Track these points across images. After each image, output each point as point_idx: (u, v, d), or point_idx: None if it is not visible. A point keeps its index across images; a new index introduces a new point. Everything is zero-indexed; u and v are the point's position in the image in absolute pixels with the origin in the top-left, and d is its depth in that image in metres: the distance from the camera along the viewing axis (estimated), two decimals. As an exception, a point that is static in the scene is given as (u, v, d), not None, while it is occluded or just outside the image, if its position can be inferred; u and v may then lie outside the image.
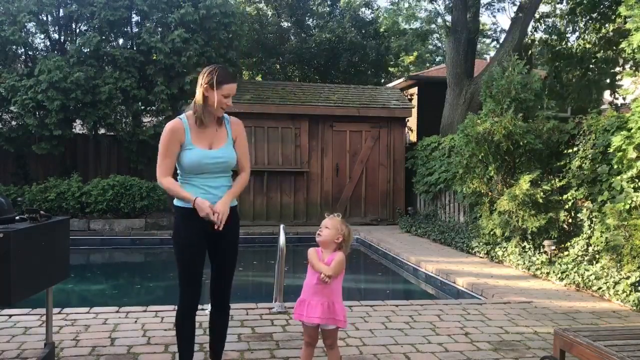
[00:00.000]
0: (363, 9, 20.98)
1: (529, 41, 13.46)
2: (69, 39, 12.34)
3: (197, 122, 3.09)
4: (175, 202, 3.13)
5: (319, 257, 3.14)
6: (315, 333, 3.20)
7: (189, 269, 3.11)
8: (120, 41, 12.44)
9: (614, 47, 12.28)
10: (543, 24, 14.13)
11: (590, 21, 12.79)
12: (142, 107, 12.46)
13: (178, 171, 3.17)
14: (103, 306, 5.03)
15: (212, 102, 3.06)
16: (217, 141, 3.14)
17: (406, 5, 15.99)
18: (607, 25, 12.62)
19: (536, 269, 6.57)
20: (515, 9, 12.91)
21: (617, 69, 13.35)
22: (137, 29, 12.37)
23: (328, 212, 3.34)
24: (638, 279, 5.20)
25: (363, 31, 19.08)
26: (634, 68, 11.99)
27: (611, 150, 5.74)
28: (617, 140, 5.53)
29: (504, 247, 7.38)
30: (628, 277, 5.33)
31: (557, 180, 6.98)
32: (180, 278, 3.13)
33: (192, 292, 3.13)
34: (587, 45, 12.94)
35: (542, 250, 6.89)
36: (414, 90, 16.07)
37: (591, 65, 13.15)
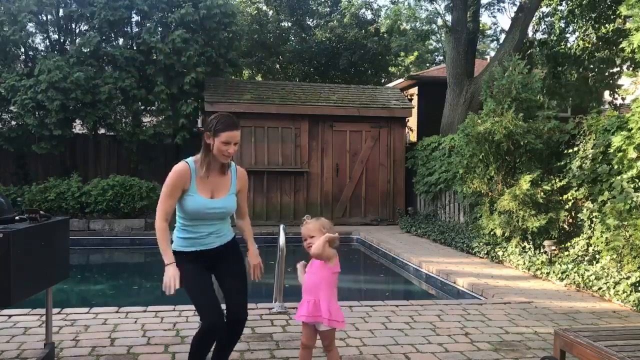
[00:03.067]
0: (363, 10, 20.98)
1: (529, 42, 13.46)
2: (69, 39, 12.35)
3: (203, 169, 3.08)
4: (174, 247, 3.11)
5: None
6: (309, 333, 3.15)
7: (202, 297, 3.01)
8: (120, 41, 12.44)
9: (614, 47, 12.28)
10: (543, 24, 14.14)
11: (589, 21, 12.78)
12: (142, 107, 12.46)
13: (177, 213, 3.15)
14: (103, 306, 5.02)
15: (214, 150, 3.05)
16: (219, 190, 3.13)
17: (406, 5, 15.97)
18: (606, 25, 12.62)
19: (536, 269, 6.57)
20: (515, 9, 12.93)
21: (616, 69, 13.36)
22: (137, 29, 12.37)
23: (308, 216, 3.30)
24: (638, 279, 5.20)
25: (363, 31, 19.08)
26: (632, 67, 12.00)
27: (611, 150, 5.74)
28: (617, 140, 5.53)
29: (504, 247, 7.37)
30: (628, 277, 5.33)
31: (557, 180, 6.97)
32: (196, 307, 3.03)
33: (213, 318, 2.95)
34: (587, 45, 12.94)
35: (542, 251, 6.89)
36: (414, 90, 16.07)
37: (591, 66, 13.16)
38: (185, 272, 3.00)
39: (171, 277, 2.88)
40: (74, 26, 12.40)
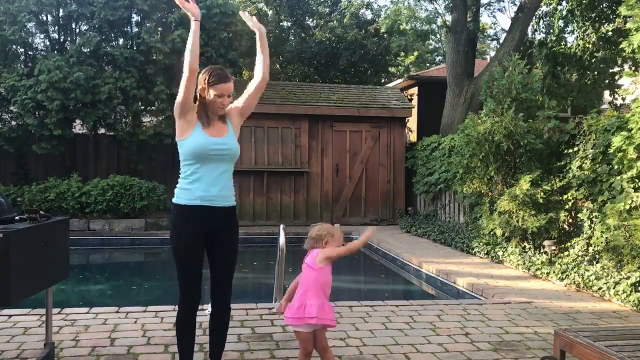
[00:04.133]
0: (363, 10, 21.00)
1: (529, 41, 13.46)
2: (69, 38, 12.34)
3: (203, 117, 3.12)
4: (175, 200, 3.13)
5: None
6: (303, 337, 3.12)
7: (189, 270, 3.10)
8: (120, 41, 12.44)
9: (613, 47, 12.28)
10: (543, 24, 14.13)
11: (589, 21, 12.78)
12: (142, 107, 12.45)
13: (182, 163, 3.15)
14: (103, 306, 5.02)
15: (209, 102, 3.10)
16: (221, 133, 3.17)
17: (406, 5, 16.02)
18: (606, 25, 12.62)
19: (536, 269, 6.57)
20: (515, 9, 12.93)
21: (616, 69, 13.36)
22: (137, 29, 12.37)
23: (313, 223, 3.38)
24: (638, 279, 5.20)
25: (363, 31, 19.09)
26: (633, 68, 12.00)
27: (611, 151, 5.74)
28: (617, 140, 5.53)
29: (504, 247, 7.37)
30: (628, 277, 5.33)
31: (557, 180, 6.97)
32: (180, 279, 3.12)
33: (192, 294, 3.12)
34: (587, 45, 12.94)
35: (542, 251, 6.89)
36: (414, 90, 16.06)
37: (592, 66, 13.15)
38: (179, 240, 3.07)
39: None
40: (73, 26, 12.39)
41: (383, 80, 20.49)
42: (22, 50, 12.16)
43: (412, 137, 15.05)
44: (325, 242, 3.17)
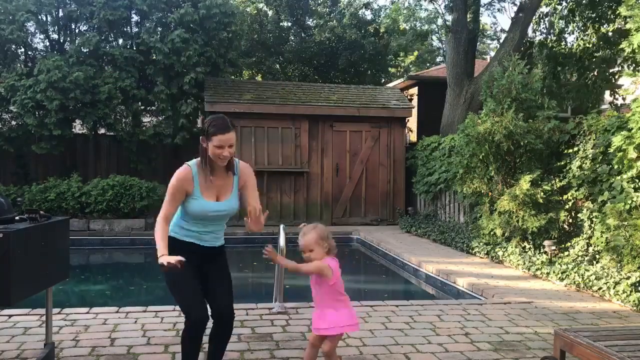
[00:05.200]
0: (363, 10, 20.99)
1: (529, 42, 13.46)
2: (69, 38, 12.34)
3: (205, 174, 3.08)
4: (170, 233, 3.08)
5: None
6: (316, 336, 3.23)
7: (186, 287, 3.01)
8: (120, 41, 12.44)
9: (614, 47, 12.28)
10: (543, 24, 14.14)
11: (589, 21, 12.78)
12: (142, 107, 12.46)
13: (180, 210, 3.14)
14: (103, 306, 5.03)
15: (210, 153, 3.04)
16: (224, 192, 3.14)
17: (406, 5, 16.05)
18: (606, 25, 12.63)
19: (536, 269, 6.57)
20: (515, 9, 12.93)
21: (617, 68, 13.36)
22: (136, 29, 12.38)
23: (304, 223, 3.31)
24: (638, 279, 5.20)
25: (363, 31, 19.09)
26: (632, 67, 12.00)
27: (611, 151, 5.74)
28: (617, 140, 5.52)
29: (504, 247, 7.37)
30: (628, 277, 5.33)
31: (557, 180, 6.97)
32: (180, 301, 3.03)
33: (197, 311, 2.97)
34: (587, 45, 12.94)
35: (542, 251, 6.89)
36: (414, 90, 16.07)
37: (592, 66, 13.15)
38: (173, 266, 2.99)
39: (170, 258, 2.80)
40: (73, 26, 12.39)
41: (383, 80, 20.49)
42: (21, 50, 12.17)
43: (412, 137, 15.05)
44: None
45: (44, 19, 12.09)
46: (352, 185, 11.94)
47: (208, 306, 3.09)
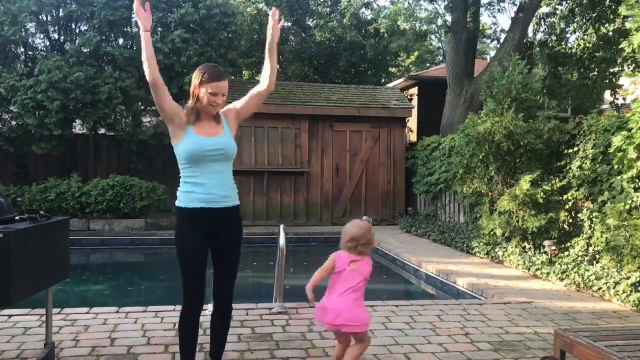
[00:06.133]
0: (363, 9, 20.99)
1: (529, 42, 13.47)
2: (69, 38, 12.34)
3: (192, 116, 3.08)
4: (177, 202, 3.08)
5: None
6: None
7: (192, 273, 3.05)
8: (120, 41, 12.44)
9: (614, 47, 12.28)
10: (543, 24, 14.14)
11: (589, 21, 12.79)
12: (142, 107, 12.45)
13: (179, 166, 3.12)
14: (103, 306, 5.02)
15: (203, 101, 3.05)
16: (215, 132, 3.12)
17: (406, 5, 16.00)
18: (606, 25, 12.63)
19: (536, 269, 6.57)
20: (515, 9, 12.93)
21: (617, 69, 13.36)
22: (136, 29, 12.36)
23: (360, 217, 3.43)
24: (638, 279, 5.20)
25: (363, 31, 19.09)
26: (632, 67, 12.00)
27: (611, 150, 5.74)
28: (617, 140, 5.52)
29: (504, 247, 7.37)
30: (628, 277, 5.33)
31: (557, 180, 6.97)
32: (184, 280, 3.08)
33: (196, 296, 3.07)
34: (587, 45, 12.94)
35: (542, 251, 6.89)
36: (414, 90, 16.07)
37: (592, 66, 13.16)
38: (183, 243, 3.02)
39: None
40: (73, 26, 12.40)
41: (383, 81, 20.49)
42: (22, 50, 12.15)
43: (412, 137, 15.05)
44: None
45: (45, 19, 12.09)
46: (352, 185, 11.94)
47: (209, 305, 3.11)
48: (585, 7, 12.59)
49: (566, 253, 6.57)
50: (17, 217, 3.20)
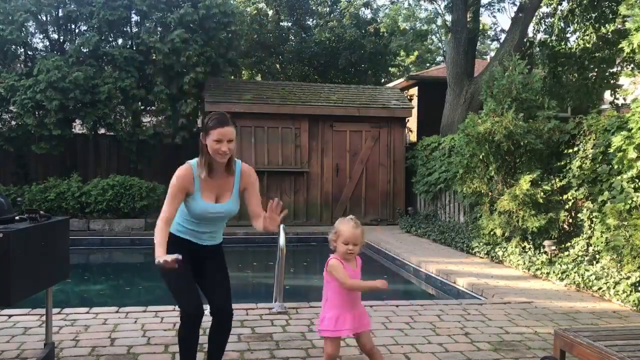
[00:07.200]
0: (363, 9, 21.00)
1: (529, 41, 13.47)
2: (68, 38, 12.34)
3: (203, 172, 3.03)
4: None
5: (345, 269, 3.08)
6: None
7: (182, 280, 3.00)
8: (120, 41, 12.44)
9: (613, 47, 12.28)
10: (543, 24, 14.14)
11: (589, 21, 12.78)
12: (142, 107, 12.45)
13: (182, 206, 3.11)
14: (103, 306, 5.02)
15: (209, 149, 2.99)
16: (224, 192, 3.10)
17: (406, 5, 16.07)
18: (606, 25, 12.63)
19: (536, 269, 6.57)
20: (515, 9, 12.93)
21: (617, 69, 13.36)
22: (136, 29, 12.37)
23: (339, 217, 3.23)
24: (638, 279, 5.20)
25: (363, 30, 19.08)
26: (630, 67, 12.01)
27: (611, 151, 5.74)
28: (617, 140, 5.53)
29: (504, 247, 7.37)
30: (628, 277, 5.33)
31: (557, 180, 6.97)
32: (176, 295, 3.04)
33: (192, 305, 2.98)
34: (587, 45, 12.94)
35: (542, 251, 6.89)
36: (414, 90, 16.07)
37: (591, 65, 13.16)
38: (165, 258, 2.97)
39: (165, 258, 2.73)
40: (73, 26, 12.39)
41: (383, 80, 20.48)
42: (21, 50, 12.15)
43: (412, 137, 15.06)
44: (333, 240, 3.09)
45: (44, 19, 12.09)
46: (352, 185, 11.94)
47: (208, 306, 3.09)
48: (585, 7, 12.59)
49: (566, 253, 6.57)
50: (17, 217, 3.20)
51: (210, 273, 3.19)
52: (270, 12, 20.22)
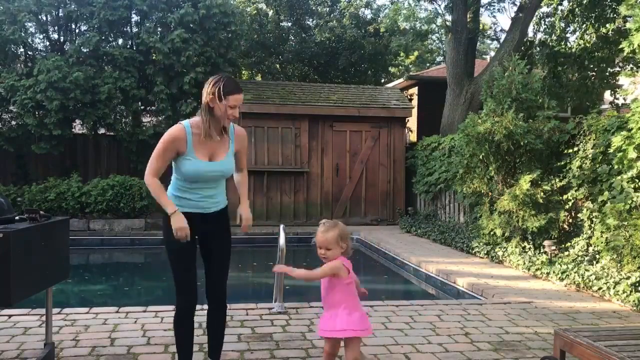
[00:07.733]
0: (363, 9, 20.99)
1: (529, 41, 13.46)
2: (69, 38, 12.34)
3: (203, 134, 3.04)
4: None
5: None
6: (332, 343, 3.06)
7: (183, 270, 3.12)
8: (120, 41, 12.43)
9: (613, 47, 12.28)
10: (543, 24, 14.14)
11: (589, 21, 12.78)
12: (142, 107, 12.45)
13: (174, 173, 3.16)
14: (103, 306, 5.03)
15: (218, 113, 3.02)
16: (218, 152, 3.11)
17: (406, 5, 16.02)
18: (606, 25, 12.63)
19: (536, 269, 6.57)
20: (515, 9, 12.93)
21: (617, 69, 13.36)
22: (136, 29, 12.37)
23: (320, 219, 3.28)
24: (638, 279, 5.20)
25: (363, 30, 19.08)
26: (629, 67, 12.00)
27: (611, 151, 5.74)
28: (617, 140, 5.53)
29: (504, 248, 7.37)
30: (628, 277, 5.33)
31: (557, 180, 6.97)
32: (175, 280, 3.14)
33: (189, 294, 3.13)
34: (587, 45, 12.94)
35: (542, 251, 6.89)
36: (414, 90, 16.07)
37: (591, 65, 13.16)
38: (172, 242, 3.03)
39: (182, 227, 2.94)
40: (73, 26, 12.39)
41: (383, 80, 20.48)
42: (21, 50, 12.15)
43: (412, 137, 15.05)
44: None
45: (44, 19, 12.09)
46: (352, 185, 11.94)
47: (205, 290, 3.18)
48: (585, 7, 12.58)
49: (566, 253, 6.57)
50: (17, 217, 3.20)
51: (213, 260, 3.21)
52: (270, 12, 20.22)
